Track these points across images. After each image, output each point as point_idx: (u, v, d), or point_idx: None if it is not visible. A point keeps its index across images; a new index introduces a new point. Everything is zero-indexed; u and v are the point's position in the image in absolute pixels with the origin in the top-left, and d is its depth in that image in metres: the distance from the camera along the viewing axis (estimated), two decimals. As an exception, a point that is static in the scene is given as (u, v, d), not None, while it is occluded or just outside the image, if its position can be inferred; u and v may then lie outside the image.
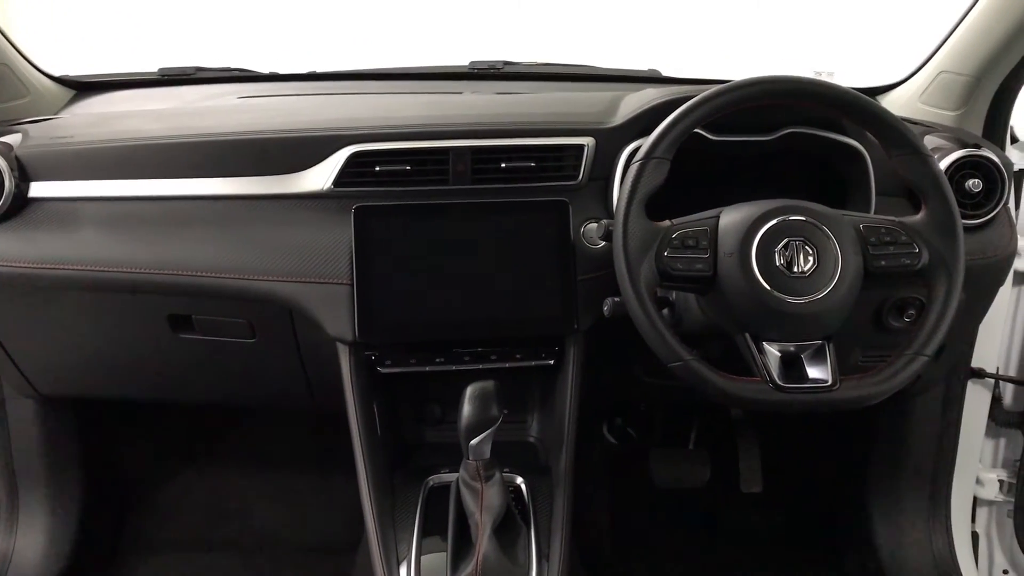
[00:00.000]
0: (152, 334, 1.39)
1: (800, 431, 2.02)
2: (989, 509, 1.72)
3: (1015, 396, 1.64)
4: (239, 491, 2.01)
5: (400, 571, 1.21)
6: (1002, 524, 1.71)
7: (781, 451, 1.96)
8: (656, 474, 1.96)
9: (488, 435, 1.18)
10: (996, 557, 1.72)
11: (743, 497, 1.90)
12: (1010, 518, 1.67)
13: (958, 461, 1.64)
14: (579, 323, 1.30)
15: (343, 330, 1.27)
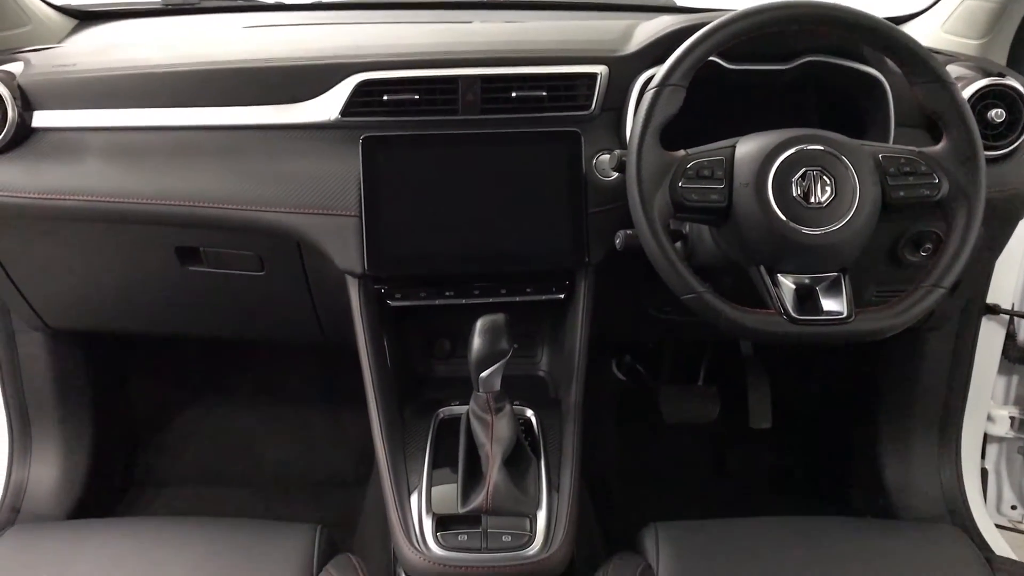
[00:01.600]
0: (160, 267, 1.38)
1: (810, 368, 2.01)
2: (999, 446, 1.71)
3: (1029, 332, 1.62)
4: (249, 426, 2.03)
5: (411, 502, 1.21)
6: (1012, 460, 1.71)
7: (791, 388, 1.96)
8: (665, 410, 1.96)
9: (498, 368, 1.17)
10: (1005, 493, 1.73)
11: (752, 433, 1.90)
12: (1020, 454, 1.67)
13: (969, 398, 1.64)
14: (590, 257, 1.28)
15: (352, 263, 1.26)
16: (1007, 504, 1.73)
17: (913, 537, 1.24)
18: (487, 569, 1.13)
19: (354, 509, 1.83)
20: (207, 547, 1.17)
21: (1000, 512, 1.74)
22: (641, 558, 1.20)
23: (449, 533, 1.17)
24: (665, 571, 1.16)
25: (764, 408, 1.90)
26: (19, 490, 1.63)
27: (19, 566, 1.15)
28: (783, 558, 1.20)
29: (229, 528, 1.22)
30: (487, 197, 1.27)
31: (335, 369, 1.96)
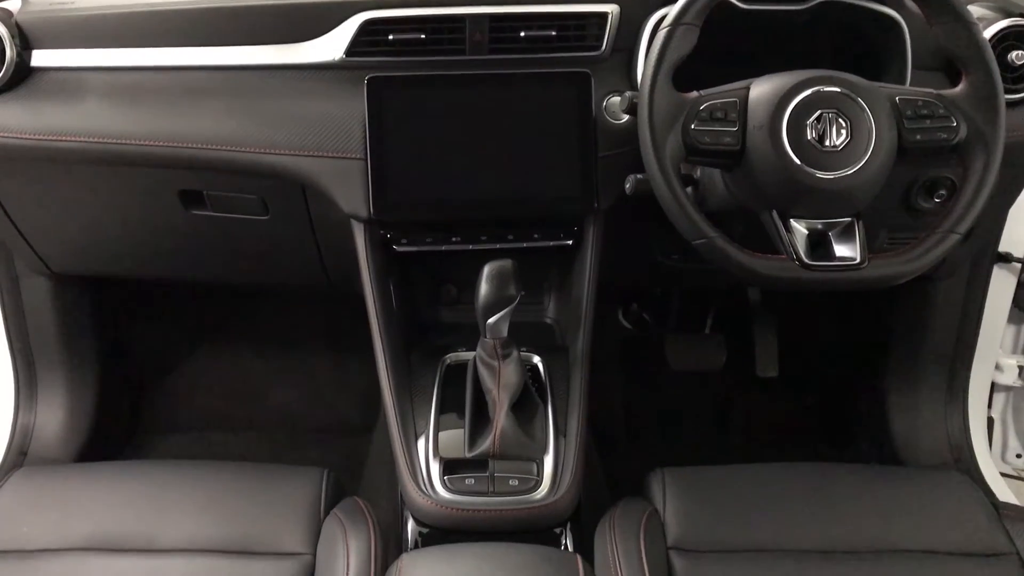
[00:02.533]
0: (163, 211, 1.36)
1: (818, 316, 2.00)
2: (1006, 395, 1.71)
3: (1040, 281, 1.61)
4: (255, 372, 2.03)
5: (418, 446, 1.22)
6: (1019, 409, 1.71)
7: (798, 336, 1.95)
8: (671, 358, 1.96)
9: (505, 314, 1.17)
10: (1010, 441, 1.73)
11: (758, 382, 1.90)
12: (1027, 403, 1.67)
13: (978, 347, 1.63)
14: (599, 202, 1.26)
15: (357, 207, 1.25)
16: (1012, 452, 1.74)
17: (920, 483, 1.24)
18: (494, 512, 1.13)
19: (361, 454, 1.84)
20: (214, 490, 1.18)
21: (1005, 460, 1.74)
22: (647, 503, 1.21)
23: (456, 477, 1.17)
24: (671, 515, 1.17)
25: (771, 356, 1.89)
26: (26, 434, 1.63)
27: (27, 507, 1.15)
28: (789, 503, 1.20)
29: (236, 472, 1.22)
30: (494, 140, 1.25)
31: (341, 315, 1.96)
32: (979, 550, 1.12)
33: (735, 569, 1.10)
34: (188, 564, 1.08)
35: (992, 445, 1.71)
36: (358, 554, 1.07)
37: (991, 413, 1.71)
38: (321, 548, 1.11)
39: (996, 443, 1.73)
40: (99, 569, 1.07)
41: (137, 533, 1.12)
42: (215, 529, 1.12)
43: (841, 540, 1.14)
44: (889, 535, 1.14)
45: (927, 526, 1.15)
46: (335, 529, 1.12)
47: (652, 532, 1.13)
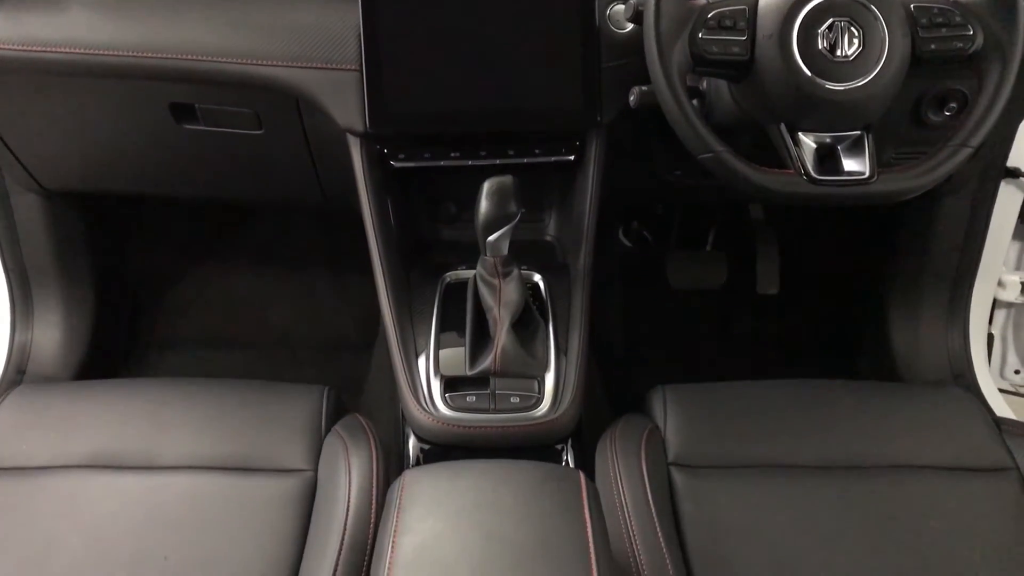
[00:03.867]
0: (154, 125, 1.33)
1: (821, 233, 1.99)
2: (1008, 311, 1.71)
3: (1047, 197, 1.59)
4: (253, 290, 2.02)
5: (418, 364, 1.21)
6: (1019, 325, 1.70)
7: (800, 254, 1.94)
8: (672, 276, 1.95)
9: (506, 231, 1.15)
10: (1009, 358, 1.73)
11: (759, 299, 1.89)
12: (1028, 320, 1.67)
13: (982, 263, 1.61)
14: (602, 115, 1.23)
15: (352, 120, 1.21)
16: (1011, 368, 1.74)
17: (920, 399, 1.25)
18: (495, 429, 1.13)
19: (361, 372, 1.84)
20: (214, 407, 1.18)
21: (1003, 377, 1.75)
22: (648, 419, 1.21)
23: (457, 394, 1.17)
24: (672, 432, 1.17)
25: (772, 274, 1.88)
26: (23, 352, 1.63)
27: (25, 424, 1.15)
28: (789, 419, 1.20)
29: (236, 389, 1.22)
30: (494, 51, 1.20)
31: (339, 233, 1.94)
32: (979, 465, 1.13)
33: (735, 484, 1.11)
34: (189, 481, 1.09)
35: (991, 361, 1.71)
36: (360, 470, 1.07)
37: (991, 330, 1.71)
38: (323, 465, 1.12)
39: (995, 359, 1.74)
40: (100, 486, 1.08)
41: (137, 450, 1.12)
42: (216, 446, 1.13)
43: (841, 456, 1.14)
44: (889, 451, 1.15)
45: (927, 442, 1.16)
46: (336, 446, 1.12)
47: (653, 448, 1.14)
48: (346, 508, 1.02)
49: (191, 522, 1.04)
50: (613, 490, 1.07)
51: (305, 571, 1.00)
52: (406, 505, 0.82)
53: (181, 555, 1.01)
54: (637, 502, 1.05)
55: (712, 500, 1.10)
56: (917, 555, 1.04)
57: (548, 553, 0.76)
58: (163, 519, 1.04)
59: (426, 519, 0.80)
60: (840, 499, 1.09)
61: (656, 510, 1.04)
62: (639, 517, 1.03)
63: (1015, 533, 1.06)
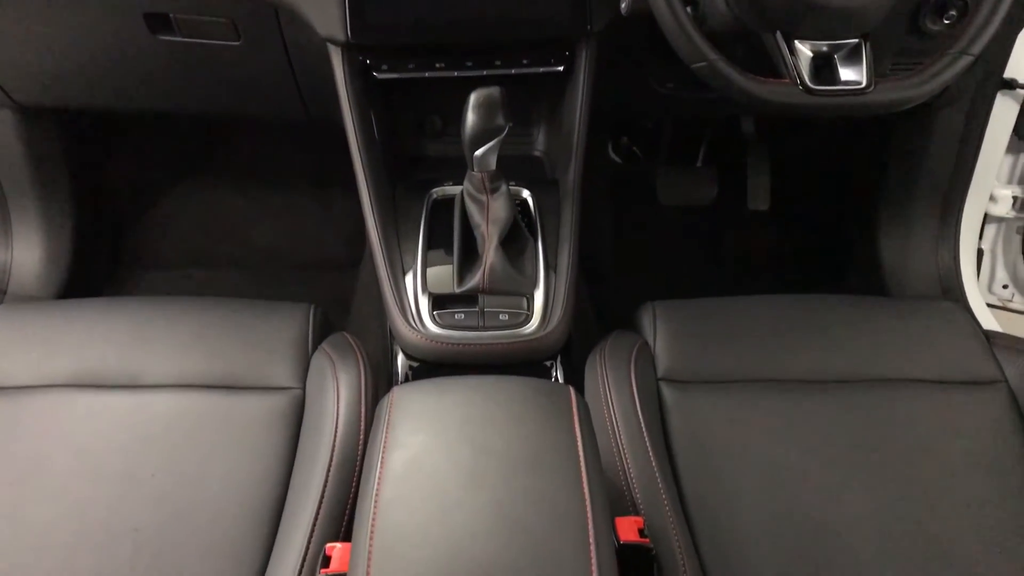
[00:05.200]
0: (129, 36, 1.28)
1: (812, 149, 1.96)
2: (998, 226, 1.69)
3: (1043, 109, 1.56)
4: (237, 208, 1.99)
5: (405, 282, 1.19)
6: (1009, 240, 1.69)
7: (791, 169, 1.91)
8: (662, 192, 1.93)
9: (494, 145, 1.12)
10: (998, 273, 1.73)
11: (750, 215, 1.88)
12: (1018, 234, 1.65)
13: (974, 177, 1.60)
14: (592, 23, 1.19)
15: (333, 29, 1.17)
16: (999, 283, 1.74)
17: (911, 312, 1.24)
18: (484, 346, 1.12)
19: (347, 290, 1.83)
20: (199, 326, 1.16)
21: (991, 291, 1.75)
22: (638, 335, 1.20)
23: (445, 312, 1.16)
24: (662, 347, 1.17)
25: (763, 189, 1.86)
26: (3, 271, 1.60)
27: (8, 344, 1.14)
28: (779, 334, 1.20)
29: (221, 307, 1.20)
30: None
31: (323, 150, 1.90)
32: (969, 378, 1.13)
33: (724, 399, 1.11)
34: (175, 399, 1.08)
35: (980, 276, 1.71)
36: (348, 387, 1.07)
37: (981, 244, 1.70)
38: (310, 382, 1.11)
39: (984, 274, 1.73)
40: (84, 405, 1.07)
41: (121, 369, 1.11)
42: (201, 364, 1.11)
43: (830, 370, 1.14)
44: (879, 365, 1.15)
45: (918, 355, 1.16)
46: (324, 363, 1.11)
47: (642, 364, 1.13)
48: (335, 425, 1.02)
49: (177, 440, 1.04)
50: (603, 405, 1.07)
51: (294, 487, 1.00)
52: (395, 420, 0.81)
53: (168, 472, 1.01)
54: (627, 417, 1.05)
55: (701, 414, 1.10)
56: (906, 466, 1.05)
57: (538, 465, 0.76)
58: (149, 437, 1.04)
59: (416, 434, 0.79)
60: (829, 413, 1.10)
61: (646, 424, 1.04)
62: (628, 431, 1.03)
63: (1003, 443, 1.07)
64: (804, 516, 1.01)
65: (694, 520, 1.01)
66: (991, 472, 1.04)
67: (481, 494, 0.73)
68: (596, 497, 0.73)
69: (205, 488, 1.00)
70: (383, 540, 0.69)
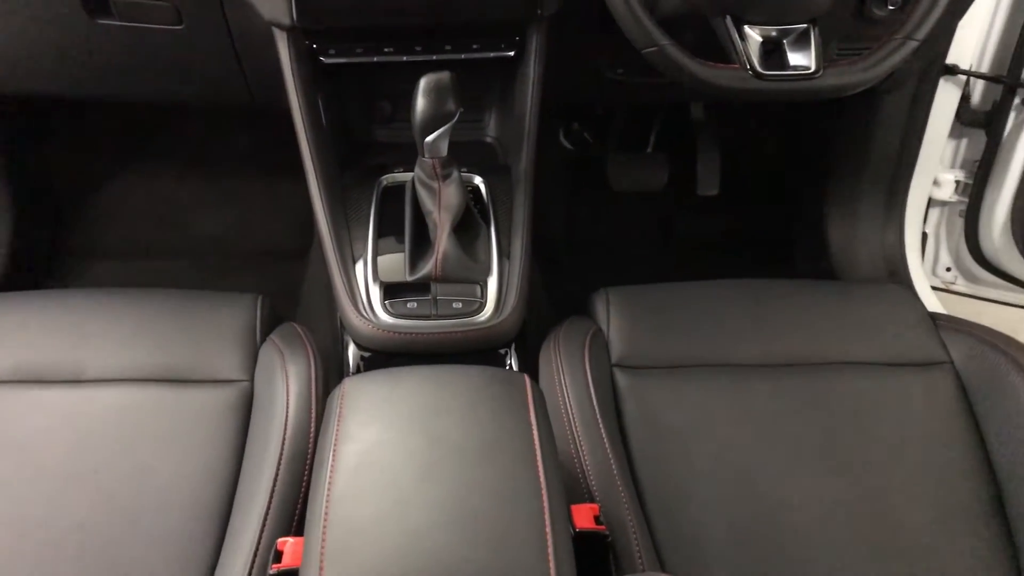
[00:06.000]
0: (66, 20, 1.24)
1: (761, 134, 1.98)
2: (941, 210, 1.73)
3: (983, 94, 1.59)
4: (180, 196, 1.94)
5: (356, 271, 1.18)
6: (952, 224, 1.73)
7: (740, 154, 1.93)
8: (613, 178, 1.93)
9: (445, 131, 1.11)
10: (941, 256, 1.76)
11: (700, 200, 1.89)
12: (961, 217, 1.69)
13: (919, 162, 1.63)
14: (543, 8, 1.18)
15: (278, 13, 1.14)
16: (942, 266, 1.77)
17: (859, 295, 1.26)
18: (438, 335, 1.11)
19: (295, 280, 1.80)
20: (143, 318, 1.13)
21: (935, 274, 1.78)
22: (591, 321, 1.20)
23: (398, 301, 1.14)
24: (615, 333, 1.17)
25: (713, 175, 1.87)
26: None
27: None
28: (730, 318, 1.21)
29: (166, 299, 1.18)
30: None
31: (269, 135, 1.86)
32: (916, 360, 1.15)
33: (677, 383, 1.12)
34: (119, 394, 1.05)
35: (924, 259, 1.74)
36: (298, 379, 1.05)
37: (925, 228, 1.73)
38: (259, 374, 1.09)
39: (928, 257, 1.77)
40: (24, 401, 1.03)
41: (63, 363, 1.07)
42: (146, 358, 1.09)
43: (782, 353, 1.16)
44: (828, 348, 1.16)
45: (865, 337, 1.17)
46: (272, 355, 1.09)
47: (596, 350, 1.13)
48: (284, 418, 1.00)
49: (122, 435, 1.01)
50: (557, 392, 1.07)
51: (243, 482, 0.99)
52: (347, 413, 0.80)
53: (112, 468, 0.98)
54: (581, 404, 1.05)
55: (654, 399, 1.10)
56: (855, 447, 1.06)
57: (494, 455, 0.75)
58: (92, 433, 1.01)
59: (368, 426, 0.78)
60: (780, 395, 1.11)
61: (600, 411, 1.04)
62: (583, 418, 1.03)
63: (949, 423, 1.09)
64: (757, 498, 1.02)
65: (649, 505, 1.01)
66: (937, 451, 1.07)
67: (436, 485, 0.72)
68: (552, 485, 0.73)
69: (152, 484, 0.98)
70: (336, 534, 0.68)
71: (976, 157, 1.63)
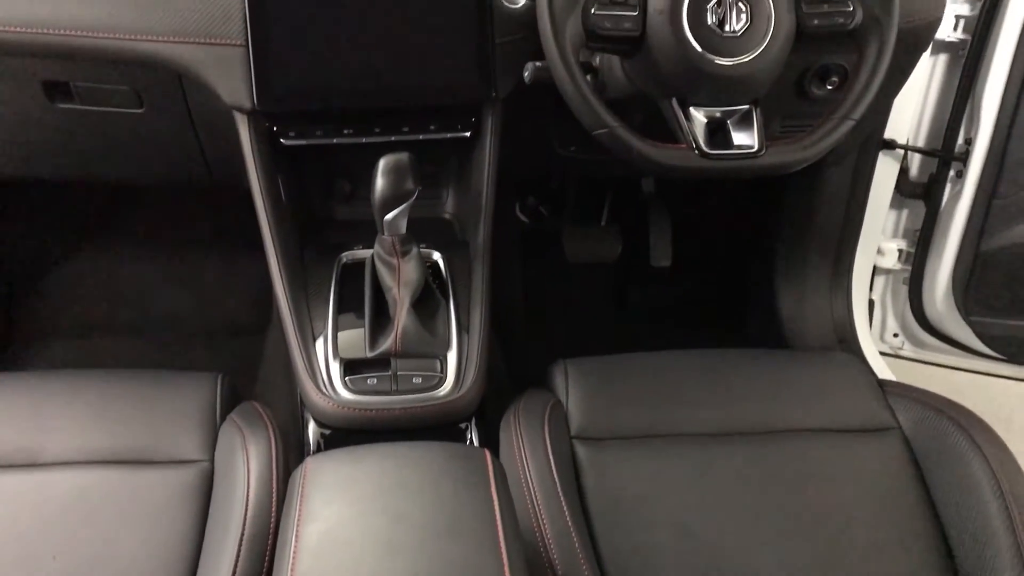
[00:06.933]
0: (26, 104, 1.25)
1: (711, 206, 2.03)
2: (887, 278, 1.78)
3: (921, 167, 1.66)
4: (138, 273, 1.93)
5: (316, 348, 1.18)
6: (897, 291, 1.78)
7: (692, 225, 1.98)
8: (569, 250, 1.97)
9: (404, 209, 1.13)
10: (888, 322, 1.81)
11: (654, 271, 1.93)
12: (905, 285, 1.74)
13: (862, 232, 1.68)
14: (497, 91, 1.22)
15: (239, 98, 1.17)
16: (890, 332, 1.82)
17: (809, 364, 1.29)
18: (398, 411, 1.12)
19: (255, 357, 1.80)
20: (101, 399, 1.13)
21: (883, 340, 1.83)
22: (551, 394, 1.22)
23: (358, 377, 1.15)
24: (574, 405, 1.18)
25: (665, 246, 1.92)
26: None
27: None
28: (685, 388, 1.23)
29: (124, 379, 1.17)
30: (385, 25, 1.18)
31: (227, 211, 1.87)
32: (865, 426, 1.18)
33: (636, 455, 1.13)
34: (77, 477, 1.04)
35: (872, 326, 1.79)
36: (258, 459, 1.04)
37: (872, 296, 1.79)
38: (219, 454, 1.08)
39: (876, 323, 1.82)
40: None
41: (19, 448, 1.06)
42: (104, 440, 1.08)
43: (736, 422, 1.18)
44: (781, 416, 1.19)
45: (817, 405, 1.20)
46: (233, 435, 1.09)
47: (556, 422, 1.15)
48: (245, 498, 0.99)
49: (80, 520, 1.00)
50: (518, 466, 1.08)
51: (204, 564, 0.97)
52: (309, 492, 0.80)
53: (71, 554, 0.97)
54: (542, 478, 1.06)
55: (614, 471, 1.12)
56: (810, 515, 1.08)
57: (456, 532, 0.76)
58: (50, 518, 0.99)
59: (330, 505, 0.78)
60: (736, 464, 1.13)
61: (561, 485, 1.05)
62: (544, 493, 1.04)
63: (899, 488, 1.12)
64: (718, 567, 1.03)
65: None
66: (891, 516, 1.09)
67: (398, 564, 0.72)
68: (514, 562, 0.74)
69: (111, 569, 0.96)
70: (300, 616, 0.68)
71: (917, 227, 1.69)
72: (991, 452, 1.08)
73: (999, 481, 1.05)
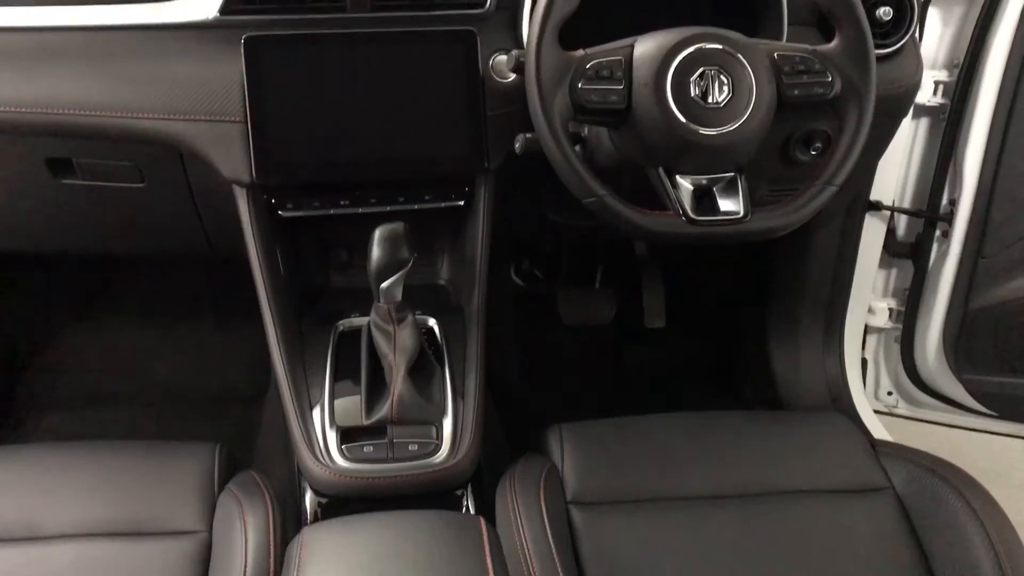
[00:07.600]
0: (30, 180, 1.28)
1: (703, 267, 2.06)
2: (878, 336, 1.80)
3: (908, 227, 1.69)
4: (136, 345, 1.95)
5: (313, 416, 1.19)
6: (889, 349, 1.80)
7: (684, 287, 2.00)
8: (564, 313, 1.99)
9: (399, 277, 1.15)
10: (882, 380, 1.83)
11: (648, 333, 1.95)
12: (897, 343, 1.76)
13: (853, 291, 1.71)
14: (490, 161, 1.25)
15: (238, 172, 1.20)
16: (884, 390, 1.83)
17: (802, 425, 1.30)
18: (394, 479, 1.13)
19: (251, 425, 1.80)
20: (99, 471, 1.13)
21: (877, 398, 1.84)
22: (546, 459, 1.22)
23: (354, 445, 1.16)
24: (569, 470, 1.19)
25: (658, 308, 1.94)
26: None
27: None
28: (679, 452, 1.24)
29: (122, 450, 1.18)
30: (379, 100, 1.21)
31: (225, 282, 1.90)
32: (858, 486, 1.19)
33: (632, 519, 1.14)
34: (76, 550, 1.04)
35: (866, 384, 1.81)
36: (256, 529, 1.05)
37: (864, 354, 1.80)
38: (217, 525, 1.09)
39: (870, 382, 1.83)
40: None
41: (17, 521, 1.06)
42: (103, 512, 1.08)
43: (730, 485, 1.18)
44: (776, 478, 1.20)
45: (810, 466, 1.21)
46: (231, 505, 1.09)
47: (551, 488, 1.15)
48: (243, 569, 0.99)
49: None
50: (514, 533, 1.08)
51: None
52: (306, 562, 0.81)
53: None
54: (538, 544, 1.06)
55: (610, 536, 1.12)
56: None
57: (451, 602, 0.76)
58: None
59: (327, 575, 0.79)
60: (731, 527, 1.13)
61: (556, 551, 1.05)
62: (540, 559, 1.04)
63: (893, 548, 1.12)
64: None
65: None
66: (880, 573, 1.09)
67: (394, 634, 0.73)
68: None
69: None
70: None
71: (906, 286, 1.71)
72: (983, 510, 1.09)
73: (992, 540, 1.05)
